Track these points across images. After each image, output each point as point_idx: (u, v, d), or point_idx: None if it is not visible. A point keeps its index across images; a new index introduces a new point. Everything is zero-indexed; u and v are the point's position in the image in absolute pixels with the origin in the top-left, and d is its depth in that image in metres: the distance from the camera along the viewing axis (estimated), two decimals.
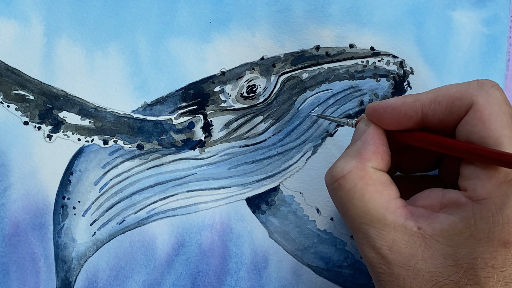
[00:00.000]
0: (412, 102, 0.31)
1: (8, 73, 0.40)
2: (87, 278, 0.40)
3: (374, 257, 0.30)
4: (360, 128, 0.33)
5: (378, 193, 0.31)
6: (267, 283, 0.40)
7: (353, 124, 0.35)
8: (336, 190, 0.32)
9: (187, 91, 0.40)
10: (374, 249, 0.30)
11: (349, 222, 0.31)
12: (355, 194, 0.31)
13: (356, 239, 0.32)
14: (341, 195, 0.31)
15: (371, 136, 0.32)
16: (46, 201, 0.40)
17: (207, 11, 0.40)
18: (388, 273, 0.30)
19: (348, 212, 0.31)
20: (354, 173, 0.31)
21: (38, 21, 0.40)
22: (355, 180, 0.31)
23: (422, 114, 0.31)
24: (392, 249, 0.30)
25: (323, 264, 0.40)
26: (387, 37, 0.40)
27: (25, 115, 0.40)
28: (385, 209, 0.30)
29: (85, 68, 0.40)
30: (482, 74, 0.40)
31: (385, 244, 0.30)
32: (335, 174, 0.32)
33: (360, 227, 0.31)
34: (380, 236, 0.30)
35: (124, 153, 0.40)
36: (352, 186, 0.31)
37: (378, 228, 0.30)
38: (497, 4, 0.40)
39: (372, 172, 0.31)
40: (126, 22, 0.40)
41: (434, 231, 0.29)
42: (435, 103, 0.31)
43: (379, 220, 0.30)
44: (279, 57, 0.40)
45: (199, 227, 0.40)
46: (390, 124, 0.32)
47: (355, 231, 0.31)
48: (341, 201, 0.31)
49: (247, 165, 0.40)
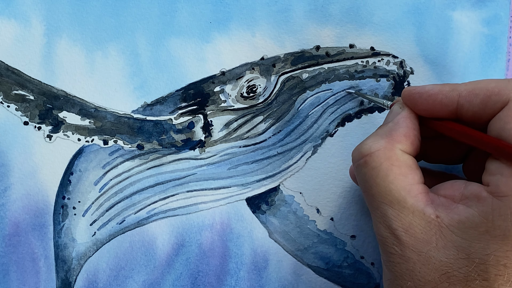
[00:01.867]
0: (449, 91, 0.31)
1: (8, 73, 0.40)
2: (87, 278, 0.40)
3: (388, 237, 0.31)
4: (394, 110, 0.34)
5: (402, 175, 0.31)
6: (267, 283, 0.40)
7: (388, 106, 0.36)
8: (362, 167, 0.32)
9: (187, 91, 0.40)
10: (389, 229, 0.31)
11: (369, 200, 0.32)
12: (379, 173, 0.31)
13: (373, 217, 0.32)
14: (365, 172, 0.32)
15: (403, 119, 0.33)
16: (46, 201, 0.40)
17: (207, 11, 0.40)
18: (400, 255, 0.30)
19: (370, 190, 0.31)
20: (382, 152, 0.31)
21: (38, 21, 0.40)
22: (382, 159, 0.31)
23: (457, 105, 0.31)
24: (408, 232, 0.30)
25: (323, 264, 0.40)
26: (387, 37, 0.40)
27: (25, 115, 0.40)
28: (407, 192, 0.30)
29: (85, 68, 0.40)
30: (482, 74, 0.40)
31: (401, 226, 0.30)
32: (363, 151, 0.32)
33: (379, 206, 0.31)
34: (397, 217, 0.30)
35: (124, 153, 0.40)
36: (377, 165, 0.31)
37: (397, 209, 0.30)
38: (497, 4, 0.40)
39: (399, 154, 0.31)
40: (126, 22, 0.40)
41: (451, 222, 0.29)
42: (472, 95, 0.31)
43: (399, 202, 0.30)
44: (279, 57, 0.40)
45: (199, 227, 0.40)
46: (424, 110, 0.32)
47: (374, 209, 0.32)
48: (365, 178, 0.32)
49: (247, 165, 0.40)
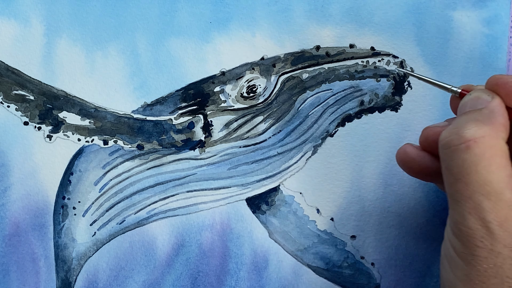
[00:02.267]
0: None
1: (8, 73, 0.40)
2: (87, 278, 0.40)
3: (479, 230, 0.29)
4: (482, 97, 0.31)
5: (503, 167, 0.29)
6: (267, 283, 0.40)
7: (457, 92, 0.33)
8: (462, 152, 0.29)
9: (187, 91, 0.40)
10: (482, 221, 0.29)
11: (461, 188, 0.29)
12: (482, 161, 0.29)
13: (462, 207, 0.29)
14: (466, 158, 0.29)
15: (499, 107, 0.31)
16: (46, 201, 0.40)
17: (207, 11, 0.40)
18: (489, 249, 0.29)
19: (467, 177, 0.29)
20: (487, 139, 0.29)
21: (38, 21, 0.40)
22: (487, 147, 0.29)
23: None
24: (502, 226, 0.28)
25: (323, 265, 0.40)
26: (387, 37, 0.40)
27: (25, 115, 0.40)
28: (506, 185, 0.29)
29: (85, 68, 0.40)
30: (483, 74, 0.40)
31: (496, 219, 0.28)
32: (466, 135, 0.29)
33: (473, 196, 0.29)
34: (493, 209, 0.28)
35: (124, 153, 0.40)
36: (482, 152, 0.29)
37: (494, 201, 0.28)
38: (498, 4, 0.40)
39: (502, 144, 0.30)
40: (126, 22, 0.40)
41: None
42: None
43: (498, 194, 0.29)
44: (279, 57, 0.40)
45: (199, 227, 0.40)
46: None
47: (465, 199, 0.29)
48: (464, 164, 0.29)
49: (247, 165, 0.40)
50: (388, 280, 0.40)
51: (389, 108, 0.40)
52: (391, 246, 0.40)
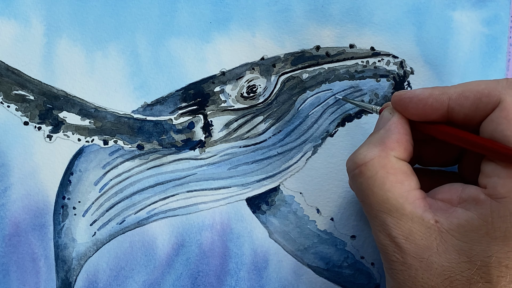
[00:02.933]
0: (439, 95, 0.31)
1: (8, 73, 0.40)
2: (87, 278, 0.40)
3: (389, 245, 0.31)
4: (385, 116, 0.33)
5: (398, 182, 0.31)
6: (267, 283, 0.40)
7: (377, 111, 0.35)
8: (357, 177, 0.32)
9: (187, 91, 0.40)
10: (390, 237, 0.30)
11: (367, 209, 0.32)
12: (376, 182, 0.31)
13: (373, 226, 0.32)
14: (361, 182, 0.32)
15: (395, 125, 0.32)
16: (46, 201, 0.40)
17: (207, 11, 0.40)
18: (401, 262, 0.30)
19: (367, 199, 0.31)
20: (376, 161, 0.31)
21: (38, 21, 0.40)
22: (377, 168, 0.31)
23: (448, 108, 0.31)
24: (408, 239, 0.30)
25: (323, 265, 0.40)
26: (387, 37, 0.40)
27: (25, 115, 0.40)
28: (404, 199, 0.30)
29: (85, 68, 0.40)
30: (483, 74, 0.40)
31: (401, 233, 0.30)
32: (357, 161, 0.32)
33: (378, 214, 0.31)
34: (397, 225, 0.30)
35: (124, 153, 0.40)
36: (373, 174, 0.31)
37: (395, 217, 0.30)
38: (497, 4, 0.40)
39: (394, 161, 0.31)
40: (126, 22, 0.40)
41: (451, 226, 0.29)
42: (462, 98, 0.31)
43: (398, 209, 0.30)
44: (279, 57, 0.40)
45: (199, 227, 0.40)
46: (414, 115, 0.32)
47: (372, 218, 0.31)
48: (361, 187, 0.32)
49: (247, 165, 0.40)
50: None
51: None
52: None
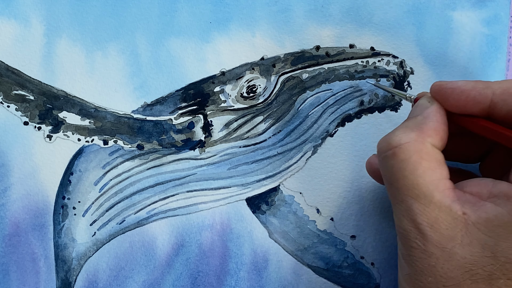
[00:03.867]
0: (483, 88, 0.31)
1: (8, 73, 0.40)
2: (87, 278, 0.40)
3: (412, 231, 0.30)
4: (422, 103, 0.33)
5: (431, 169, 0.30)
6: (267, 283, 0.40)
7: (412, 99, 0.35)
8: (389, 158, 0.31)
9: (187, 91, 0.40)
10: (414, 223, 0.30)
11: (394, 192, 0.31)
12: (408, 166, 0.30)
13: (396, 210, 0.31)
14: (393, 164, 0.31)
15: (434, 113, 0.32)
16: (46, 201, 0.40)
17: (207, 11, 0.40)
18: (422, 249, 0.30)
19: (396, 182, 0.31)
20: (412, 145, 0.31)
21: (38, 21, 0.40)
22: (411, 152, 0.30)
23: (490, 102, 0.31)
24: (433, 227, 0.29)
25: (323, 264, 0.40)
26: (387, 37, 0.40)
27: (25, 115, 0.40)
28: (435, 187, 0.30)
29: (85, 68, 0.40)
30: (482, 74, 0.40)
31: (426, 220, 0.30)
32: (392, 142, 0.31)
33: (405, 199, 0.30)
34: (423, 212, 0.30)
35: (124, 153, 0.40)
36: (407, 157, 0.30)
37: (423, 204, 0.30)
38: (497, 4, 0.40)
39: (430, 148, 0.31)
40: (126, 22, 0.40)
41: (478, 219, 0.29)
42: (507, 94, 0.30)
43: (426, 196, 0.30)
44: (279, 57, 0.40)
45: (199, 227, 0.40)
46: (455, 106, 0.32)
47: (398, 203, 0.31)
48: (392, 170, 0.31)
49: (247, 165, 0.40)
50: (388, 280, 0.40)
51: (389, 108, 0.40)
52: (391, 246, 0.40)
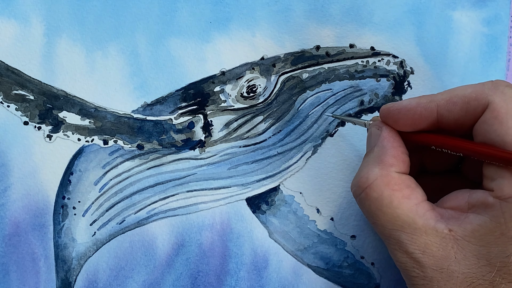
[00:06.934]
0: (427, 103, 0.31)
1: (8, 73, 0.40)
2: (87, 278, 0.40)
3: (408, 262, 0.31)
4: (374, 133, 0.33)
5: (405, 198, 0.31)
6: (267, 283, 0.40)
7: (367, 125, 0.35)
8: (364, 200, 0.32)
9: (187, 91, 0.40)
10: (407, 254, 0.30)
11: (380, 230, 0.32)
12: (383, 201, 0.31)
13: (388, 245, 0.32)
14: (369, 204, 0.31)
15: (387, 140, 0.32)
16: (46, 201, 0.40)
17: (207, 11, 0.40)
18: (422, 276, 0.30)
19: (378, 220, 0.31)
20: (379, 180, 0.31)
21: (38, 21, 0.40)
22: (382, 187, 0.31)
23: (437, 115, 0.31)
24: (425, 252, 0.30)
25: (323, 264, 0.40)
26: (387, 37, 0.40)
27: (25, 115, 0.40)
28: (415, 213, 0.30)
29: (85, 68, 0.40)
30: (482, 74, 0.40)
31: (417, 248, 0.30)
32: (361, 184, 0.32)
33: (392, 233, 0.31)
34: (412, 240, 0.30)
35: (124, 153, 0.40)
36: (379, 194, 0.31)
37: (409, 233, 0.30)
38: (498, 4, 0.40)
39: (396, 177, 0.31)
40: (126, 22, 0.40)
41: (465, 232, 0.29)
42: (450, 104, 0.31)
43: (410, 225, 0.30)
44: (279, 57, 0.40)
45: (199, 227, 0.40)
46: (405, 125, 0.32)
47: (387, 238, 0.31)
48: (370, 209, 0.32)
49: (247, 165, 0.40)
50: (388, 280, 0.40)
51: None
52: None
